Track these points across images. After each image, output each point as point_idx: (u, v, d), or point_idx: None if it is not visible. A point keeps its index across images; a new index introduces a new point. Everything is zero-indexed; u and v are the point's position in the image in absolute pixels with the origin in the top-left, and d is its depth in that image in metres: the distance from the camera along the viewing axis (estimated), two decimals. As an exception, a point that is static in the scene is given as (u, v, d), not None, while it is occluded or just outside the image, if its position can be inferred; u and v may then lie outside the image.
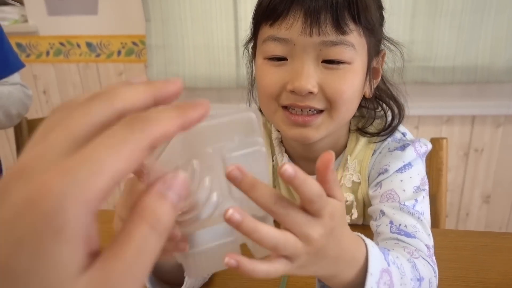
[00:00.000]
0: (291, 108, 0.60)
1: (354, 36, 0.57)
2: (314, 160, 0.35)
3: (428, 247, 0.58)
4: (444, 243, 0.70)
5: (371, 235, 0.63)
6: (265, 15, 0.58)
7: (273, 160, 0.74)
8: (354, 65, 0.58)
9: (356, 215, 0.71)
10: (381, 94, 0.69)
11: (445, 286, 0.59)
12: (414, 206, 0.61)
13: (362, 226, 0.73)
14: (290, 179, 0.32)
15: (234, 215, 0.31)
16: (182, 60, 1.67)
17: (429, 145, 0.69)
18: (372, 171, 0.68)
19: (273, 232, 0.33)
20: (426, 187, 0.65)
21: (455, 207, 1.91)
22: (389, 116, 0.69)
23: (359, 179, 0.69)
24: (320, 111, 0.59)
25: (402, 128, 0.70)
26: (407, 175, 0.64)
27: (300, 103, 0.58)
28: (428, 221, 0.62)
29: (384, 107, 0.69)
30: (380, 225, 0.62)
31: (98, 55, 1.83)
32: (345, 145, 0.71)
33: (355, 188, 0.70)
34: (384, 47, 0.66)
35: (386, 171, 0.65)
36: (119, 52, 1.82)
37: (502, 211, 1.90)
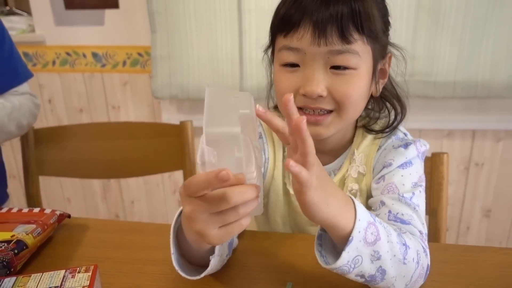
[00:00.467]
0: (304, 109, 0.67)
1: (359, 45, 0.63)
2: (324, 153, 0.47)
3: (421, 233, 0.65)
4: (445, 258, 0.71)
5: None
6: (280, 27, 0.66)
7: (284, 151, 0.79)
8: (360, 70, 0.65)
9: None
10: (387, 94, 0.75)
11: (446, 300, 0.60)
12: (411, 198, 0.68)
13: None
14: (303, 131, 0.45)
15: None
16: (187, 72, 1.70)
17: (428, 146, 0.75)
18: (377, 164, 0.74)
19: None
20: (423, 184, 0.72)
21: (456, 221, 1.92)
22: (392, 116, 0.75)
23: (365, 171, 0.75)
24: (330, 111, 0.66)
25: (403, 129, 0.78)
26: (407, 172, 0.71)
27: (312, 105, 0.66)
28: (423, 213, 0.68)
29: (388, 106, 0.75)
30: (379, 214, 0.68)
31: (104, 65, 1.86)
32: (351, 140, 0.77)
33: (360, 179, 0.76)
34: (390, 51, 0.72)
35: (390, 165, 0.72)
36: (124, 63, 1.84)
37: (503, 225, 1.91)
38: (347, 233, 0.53)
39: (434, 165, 0.95)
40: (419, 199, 0.69)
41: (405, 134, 0.77)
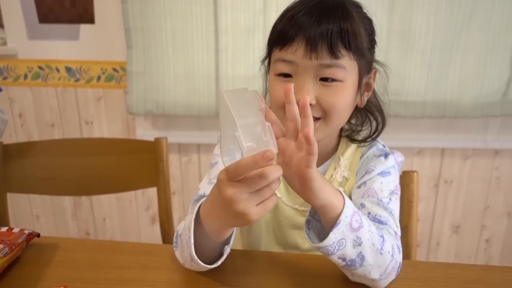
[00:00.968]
0: None
1: (346, 60, 0.70)
2: None
3: (396, 234, 0.72)
4: (415, 275, 0.73)
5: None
6: (276, 41, 0.72)
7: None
8: (346, 83, 0.71)
9: None
10: (370, 106, 0.82)
11: (416, 317, 0.62)
12: (388, 203, 0.75)
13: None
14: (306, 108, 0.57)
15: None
16: (162, 88, 1.69)
17: (403, 157, 0.85)
18: (360, 170, 0.82)
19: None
20: (399, 192, 0.80)
21: (426, 237, 1.96)
22: (374, 126, 0.82)
23: (349, 176, 0.82)
24: (318, 118, 0.72)
25: (381, 142, 0.86)
26: (386, 180, 0.78)
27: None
28: (398, 217, 0.76)
29: (371, 118, 0.82)
30: None
31: (77, 80, 1.83)
32: (336, 148, 0.85)
33: (344, 183, 0.83)
34: (375, 67, 0.78)
35: (372, 171, 0.79)
36: (99, 78, 1.82)
37: (471, 241, 1.96)
38: (336, 216, 0.61)
39: (405, 183, 0.98)
40: (395, 205, 0.76)
41: (384, 146, 0.85)
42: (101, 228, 2.07)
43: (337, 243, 0.61)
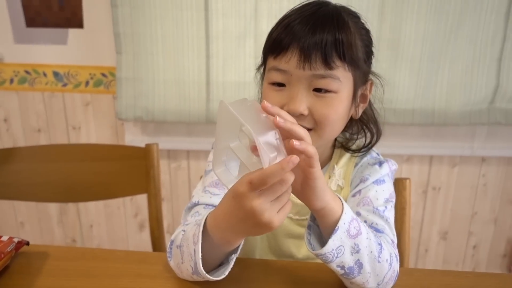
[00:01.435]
0: None
1: (340, 71, 0.68)
2: None
3: (393, 242, 0.72)
4: (410, 282, 0.73)
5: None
6: (271, 49, 0.71)
7: None
8: (340, 94, 0.70)
9: None
10: (365, 117, 0.81)
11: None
12: (384, 211, 0.75)
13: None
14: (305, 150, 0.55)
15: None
16: (152, 94, 1.68)
17: (397, 165, 0.85)
18: (355, 178, 0.82)
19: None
20: (393, 200, 0.80)
21: (415, 243, 1.98)
22: (368, 137, 0.82)
23: (343, 184, 0.82)
24: (310, 129, 0.71)
25: (376, 150, 0.86)
26: (381, 188, 0.78)
27: None
28: (393, 225, 0.76)
29: (365, 129, 0.82)
30: None
31: (65, 85, 1.81)
32: (330, 157, 0.84)
33: (338, 191, 0.82)
34: (371, 78, 0.77)
35: (367, 180, 0.79)
36: (87, 83, 1.80)
37: (459, 247, 1.98)
38: (335, 221, 0.61)
39: (397, 191, 0.98)
40: (390, 213, 0.77)
41: (378, 154, 0.86)
42: (88, 235, 2.04)
43: (336, 250, 0.61)
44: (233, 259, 0.66)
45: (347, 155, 0.83)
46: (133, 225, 2.00)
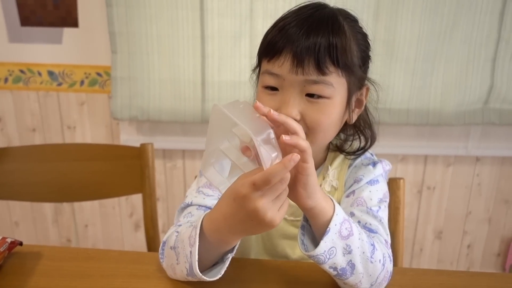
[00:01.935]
0: None
1: (333, 77, 0.67)
2: None
3: (387, 242, 0.72)
4: (404, 282, 0.73)
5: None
6: (265, 52, 0.71)
7: None
8: (333, 100, 0.69)
9: None
10: (360, 123, 0.81)
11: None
12: (377, 212, 0.75)
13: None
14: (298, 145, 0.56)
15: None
16: (147, 93, 1.68)
17: (391, 166, 0.85)
18: (349, 179, 0.82)
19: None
20: (387, 200, 0.80)
21: (410, 243, 1.98)
22: (363, 142, 0.82)
23: (337, 185, 0.82)
24: None
25: (370, 150, 0.86)
26: (375, 188, 0.78)
27: None
28: (387, 225, 0.76)
29: (359, 134, 0.82)
30: None
31: (60, 84, 1.80)
32: (325, 158, 0.84)
33: (333, 193, 0.82)
34: (367, 83, 0.76)
35: (361, 180, 0.79)
36: (82, 82, 1.80)
37: (453, 246, 1.99)
38: (326, 222, 0.61)
39: (391, 190, 0.99)
40: (384, 213, 0.77)
41: (372, 154, 0.86)
42: (83, 235, 2.03)
43: (328, 252, 0.61)
44: (229, 259, 0.66)
45: (341, 156, 0.83)
46: (129, 225, 2.00)
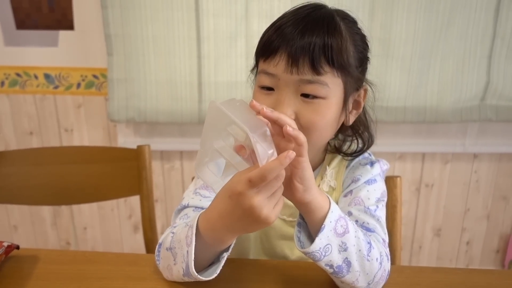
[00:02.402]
0: None
1: (329, 77, 0.67)
2: None
3: (384, 241, 0.72)
4: (401, 280, 0.73)
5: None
6: (261, 52, 0.71)
7: None
8: (328, 100, 0.68)
9: None
10: (358, 124, 0.80)
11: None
12: (375, 211, 0.75)
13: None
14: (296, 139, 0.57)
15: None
16: (144, 95, 1.67)
17: (388, 165, 0.86)
18: (347, 179, 0.82)
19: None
20: (385, 199, 0.80)
21: (409, 241, 1.99)
22: (360, 143, 0.82)
23: (335, 185, 0.82)
24: None
25: (368, 150, 0.85)
26: (372, 188, 0.78)
27: None
28: (385, 224, 0.76)
29: (357, 136, 0.82)
30: None
31: (57, 87, 1.80)
32: (322, 160, 0.84)
33: (331, 193, 0.82)
34: (365, 85, 0.76)
35: (358, 180, 0.79)
36: (79, 85, 1.80)
37: (452, 244, 1.99)
38: (321, 218, 0.62)
39: (388, 189, 0.99)
40: (381, 212, 0.77)
41: (369, 154, 0.86)
42: (82, 238, 2.03)
43: (323, 249, 0.61)
44: (225, 258, 0.66)
45: (339, 157, 0.83)
46: (127, 227, 2.00)
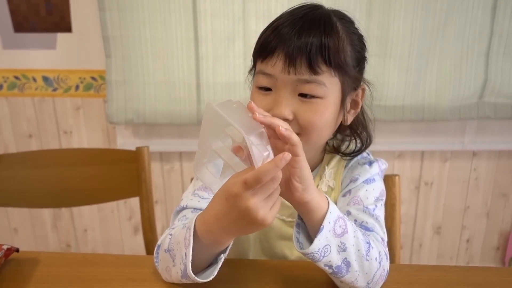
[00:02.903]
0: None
1: (326, 76, 0.67)
2: None
3: (383, 240, 0.72)
4: (400, 278, 0.74)
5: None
6: (259, 53, 0.71)
7: None
8: (326, 100, 0.69)
9: None
10: (356, 124, 0.81)
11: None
12: (374, 210, 0.75)
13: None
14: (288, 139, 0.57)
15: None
16: (143, 96, 1.68)
17: (387, 164, 0.86)
18: (345, 179, 0.82)
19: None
20: (384, 198, 0.80)
21: (409, 239, 1.99)
22: (359, 143, 0.82)
23: (334, 185, 0.82)
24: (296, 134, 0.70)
25: (367, 149, 0.85)
26: (371, 187, 0.78)
27: None
28: (383, 223, 0.76)
29: (355, 136, 0.82)
30: None
31: (55, 89, 1.80)
32: (321, 160, 0.84)
33: (329, 193, 0.82)
34: (363, 84, 0.76)
35: (357, 180, 0.79)
36: (77, 87, 1.80)
37: (453, 241, 1.99)
38: (320, 218, 0.61)
39: (387, 187, 0.99)
40: (380, 212, 0.77)
41: (368, 154, 0.86)
42: (83, 240, 2.03)
43: (322, 250, 0.61)
44: (222, 259, 0.66)
45: (337, 157, 0.84)
46: (128, 228, 2.00)
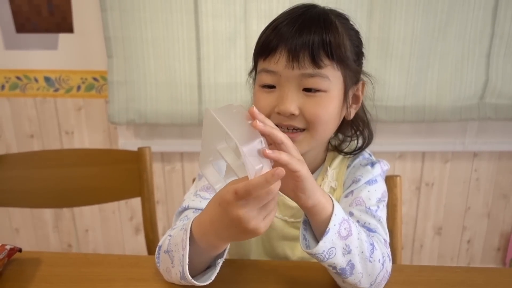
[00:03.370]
0: (279, 127, 0.70)
1: (329, 70, 0.69)
2: None
3: (386, 241, 0.73)
4: (401, 279, 0.74)
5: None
6: (260, 52, 0.72)
7: None
8: (330, 93, 0.70)
9: None
10: (358, 120, 0.82)
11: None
12: (376, 211, 0.76)
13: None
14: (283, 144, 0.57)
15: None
16: (144, 97, 1.68)
17: (389, 165, 0.86)
18: (347, 180, 0.82)
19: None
20: (386, 199, 0.80)
21: (410, 239, 1.99)
22: (360, 140, 0.83)
23: (336, 186, 0.82)
24: (302, 130, 0.72)
25: (368, 150, 0.87)
26: (373, 188, 0.78)
27: (285, 123, 0.71)
28: (385, 224, 0.77)
29: (357, 133, 0.83)
30: None
31: (57, 90, 1.81)
32: (324, 159, 0.85)
33: (331, 193, 0.82)
34: (363, 79, 0.78)
35: (359, 181, 0.79)
36: (79, 87, 1.80)
37: (453, 242, 1.99)
38: (326, 219, 0.62)
39: (388, 188, 0.99)
40: (382, 213, 0.77)
41: (370, 154, 0.86)
42: (84, 240, 2.04)
43: (327, 252, 0.62)
44: (220, 264, 0.67)
45: (340, 157, 0.84)
46: (129, 229, 2.00)
